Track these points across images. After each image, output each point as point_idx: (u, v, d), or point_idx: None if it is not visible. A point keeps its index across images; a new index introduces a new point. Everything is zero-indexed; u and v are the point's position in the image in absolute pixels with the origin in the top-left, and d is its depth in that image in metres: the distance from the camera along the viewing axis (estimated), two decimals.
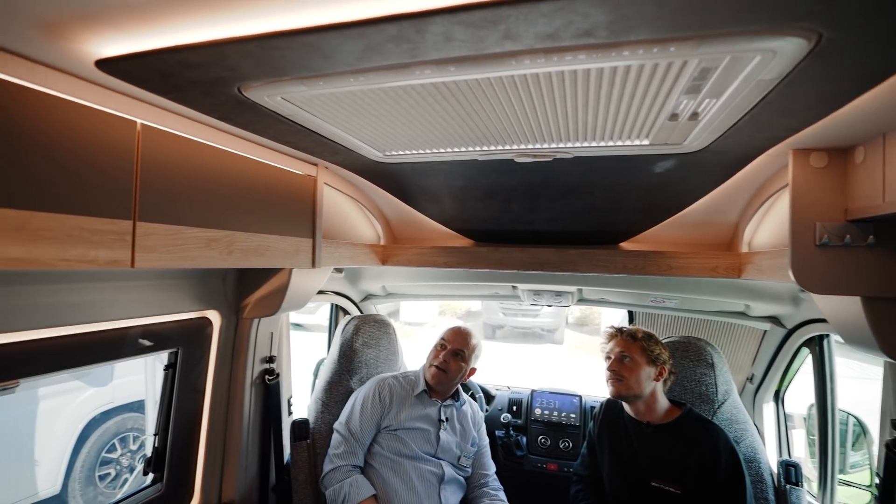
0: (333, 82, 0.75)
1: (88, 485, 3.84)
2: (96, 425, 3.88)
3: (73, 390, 3.74)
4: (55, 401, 3.65)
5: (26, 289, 1.00)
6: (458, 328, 2.05)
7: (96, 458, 3.91)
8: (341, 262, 1.70)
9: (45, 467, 3.55)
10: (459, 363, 1.97)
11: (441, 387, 1.98)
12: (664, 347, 1.75)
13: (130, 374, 4.14)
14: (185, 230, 1.02)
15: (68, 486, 3.70)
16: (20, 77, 0.71)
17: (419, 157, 1.24)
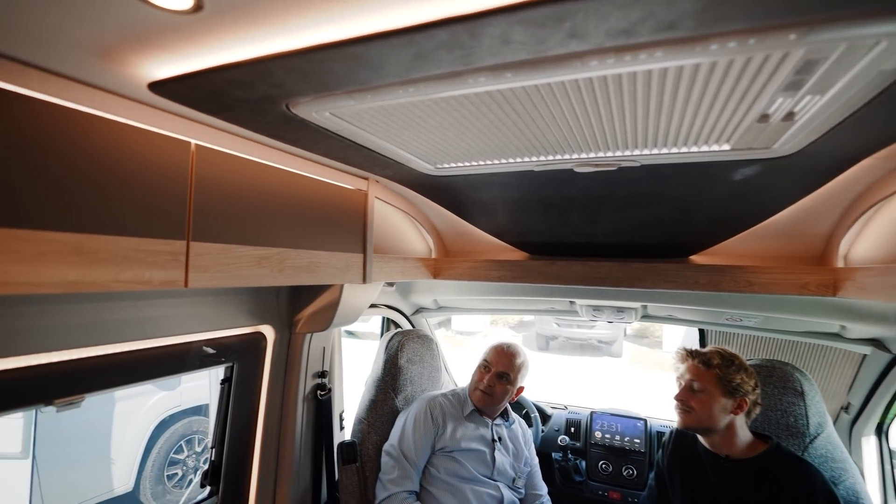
0: (382, 95, 0.71)
1: (158, 484, 4.05)
2: (165, 427, 4.10)
3: (145, 393, 3.97)
4: (130, 403, 3.88)
5: (91, 306, 1.03)
6: (501, 347, 1.96)
7: (165, 458, 4.12)
8: (392, 276, 1.67)
9: (119, 465, 3.78)
10: (505, 385, 1.89)
11: (488, 409, 1.90)
12: (749, 375, 1.54)
13: (196, 378, 4.35)
14: (237, 249, 1.01)
15: (140, 484, 3.92)
16: (78, 102, 0.72)
17: (472, 170, 1.18)
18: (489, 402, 1.87)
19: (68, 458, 3.42)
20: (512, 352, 1.95)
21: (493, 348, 1.96)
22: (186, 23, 0.54)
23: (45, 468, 3.18)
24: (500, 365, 1.90)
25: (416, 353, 2.02)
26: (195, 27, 0.55)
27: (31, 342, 0.93)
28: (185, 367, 1.31)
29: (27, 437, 3.01)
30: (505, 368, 1.89)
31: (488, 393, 1.86)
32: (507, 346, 1.97)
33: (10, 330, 0.90)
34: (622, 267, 1.65)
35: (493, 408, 1.90)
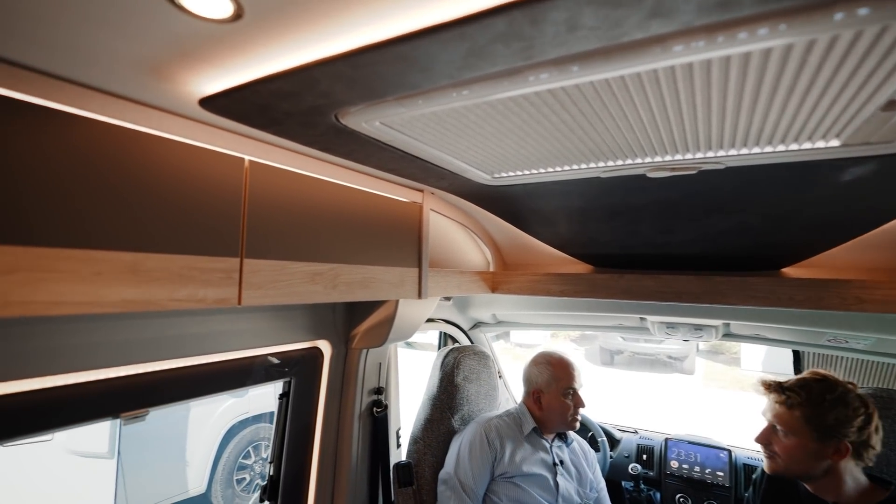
0: (434, 100, 0.65)
1: (227, 487, 4.22)
2: (234, 433, 4.27)
3: (216, 400, 4.17)
4: (203, 409, 4.08)
5: (154, 322, 1.05)
6: (571, 365, 1.88)
7: (234, 463, 4.29)
8: (449, 291, 1.61)
9: (193, 468, 3.98)
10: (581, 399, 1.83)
11: (557, 427, 1.80)
12: (854, 411, 1.25)
13: (262, 386, 4.52)
14: (290, 265, 0.99)
15: (212, 487, 4.10)
16: (134, 122, 0.72)
17: (531, 178, 1.10)
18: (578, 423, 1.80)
19: (148, 459, 3.64)
20: (575, 363, 1.88)
21: (569, 369, 1.85)
22: (228, 33, 0.52)
23: (129, 467, 3.40)
24: (578, 381, 1.82)
25: (473, 370, 1.94)
26: (237, 37, 0.53)
27: (97, 357, 0.96)
28: (244, 382, 1.31)
29: (113, 439, 3.23)
30: (581, 381, 1.84)
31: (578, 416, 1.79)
32: (571, 361, 1.89)
33: (76, 346, 0.92)
34: (701, 281, 1.49)
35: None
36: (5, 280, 0.60)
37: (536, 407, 1.85)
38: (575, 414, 1.79)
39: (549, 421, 1.81)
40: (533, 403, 1.86)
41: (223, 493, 4.17)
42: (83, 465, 3.18)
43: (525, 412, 1.84)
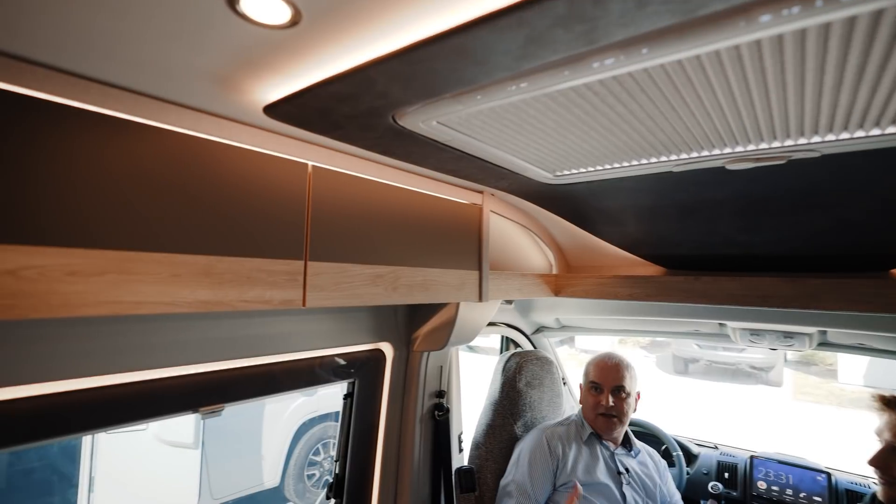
0: (491, 94, 0.63)
1: (299, 482, 4.41)
2: (305, 430, 4.46)
3: (288, 397, 4.38)
4: (277, 405, 4.30)
5: (228, 322, 1.11)
6: (603, 362, 1.78)
7: (305, 458, 4.48)
8: (510, 294, 1.57)
9: (268, 462, 4.20)
10: (625, 399, 1.71)
11: (613, 433, 1.70)
12: None
13: (328, 386, 4.69)
14: (352, 268, 1.01)
15: (285, 480, 4.30)
16: (204, 131, 0.76)
17: (596, 176, 1.05)
18: (616, 424, 1.69)
19: (229, 451, 3.89)
20: (616, 362, 1.77)
21: (595, 364, 1.79)
22: (287, 38, 0.53)
23: (212, 458, 3.65)
24: (611, 380, 1.73)
25: (535, 376, 1.89)
26: (295, 42, 0.54)
27: (178, 355, 1.02)
28: (310, 381, 1.36)
29: (197, 431, 3.49)
30: (617, 381, 1.72)
31: (612, 415, 1.68)
32: (607, 357, 1.80)
33: (160, 343, 0.99)
34: (792, 284, 1.35)
35: (620, 430, 1.73)
36: (97, 281, 0.65)
37: (581, 403, 1.82)
38: (600, 411, 1.70)
39: (586, 418, 1.76)
40: (580, 402, 1.83)
41: (295, 487, 4.36)
42: (172, 453, 3.45)
43: (582, 417, 1.77)
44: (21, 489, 3.49)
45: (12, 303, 0.59)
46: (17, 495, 3.44)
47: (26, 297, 0.60)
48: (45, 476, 3.54)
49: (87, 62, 0.60)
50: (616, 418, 1.69)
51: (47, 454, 3.66)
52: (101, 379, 0.92)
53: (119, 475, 3.34)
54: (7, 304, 0.58)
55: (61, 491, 3.50)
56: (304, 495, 4.42)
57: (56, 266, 0.62)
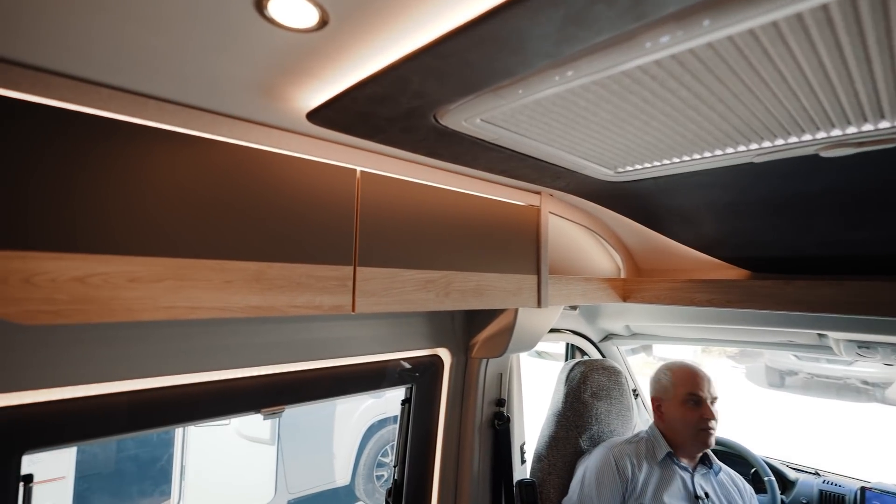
0: (534, 86, 0.59)
1: (368, 482, 4.51)
2: (374, 431, 4.56)
3: (357, 399, 4.51)
4: (348, 405, 4.44)
5: (287, 327, 1.14)
6: (695, 372, 1.63)
7: (374, 459, 4.58)
8: (572, 299, 1.49)
9: (340, 460, 4.34)
10: (713, 408, 1.58)
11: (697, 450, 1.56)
12: None
13: (385, 391, 4.77)
14: (402, 273, 1.00)
15: (355, 480, 4.42)
16: (254, 141, 0.79)
17: (663, 171, 0.95)
18: (712, 438, 1.56)
19: (303, 448, 4.07)
20: (704, 371, 1.63)
21: (686, 375, 1.63)
22: (318, 41, 0.52)
23: (287, 454, 3.84)
24: (706, 390, 1.58)
25: (602, 387, 1.77)
26: (327, 45, 0.53)
27: (241, 357, 1.07)
28: (367, 386, 1.37)
29: (273, 427, 3.68)
30: (713, 390, 1.59)
31: (713, 428, 1.54)
32: (693, 367, 1.65)
33: (225, 346, 1.04)
34: None
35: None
36: (155, 287, 0.69)
37: (660, 420, 1.65)
38: (703, 426, 1.53)
39: (675, 436, 1.59)
40: (657, 417, 1.66)
41: (364, 486, 4.47)
42: (250, 448, 3.67)
43: (657, 434, 1.62)
44: (127, 473, 3.88)
45: (81, 308, 0.63)
46: (124, 478, 3.84)
47: (92, 303, 0.64)
48: (146, 463, 3.92)
49: (143, 80, 0.64)
50: (713, 431, 1.56)
51: (148, 443, 4.05)
52: (171, 379, 0.98)
53: (206, 465, 3.61)
54: (76, 309, 0.62)
55: (159, 476, 3.85)
56: (374, 495, 4.52)
57: (119, 273, 0.66)
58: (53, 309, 0.61)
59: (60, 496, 3.12)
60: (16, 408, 0.83)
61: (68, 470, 3.18)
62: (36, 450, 0.87)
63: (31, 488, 0.87)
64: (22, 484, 0.86)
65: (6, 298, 0.58)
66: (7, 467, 0.83)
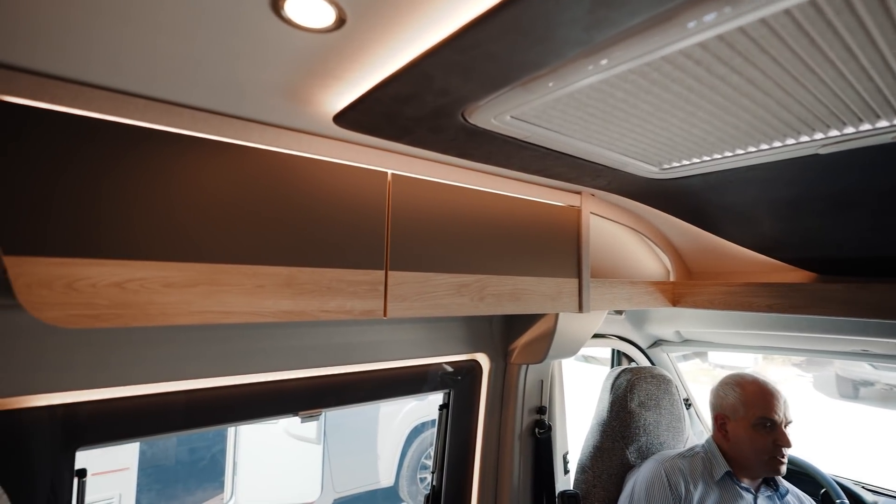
0: (566, 77, 0.55)
1: (412, 484, 4.53)
2: (417, 434, 4.58)
3: (401, 400, 4.54)
4: (391, 407, 4.48)
5: (322, 330, 1.15)
6: (769, 392, 1.46)
7: (417, 462, 4.59)
8: (617, 304, 1.42)
9: (384, 461, 4.38)
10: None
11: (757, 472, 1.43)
12: None
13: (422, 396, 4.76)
14: (435, 277, 0.98)
15: (399, 481, 4.45)
16: (284, 146, 0.79)
17: (714, 166, 0.88)
18: (784, 467, 1.41)
19: (348, 448, 4.14)
20: (778, 390, 1.46)
21: (764, 395, 1.45)
22: (337, 41, 0.51)
23: (333, 454, 3.91)
24: (782, 413, 1.43)
25: (651, 396, 1.67)
26: (346, 44, 0.51)
27: (278, 360, 1.08)
28: (404, 391, 1.36)
29: (319, 426, 3.76)
30: (791, 415, 1.43)
31: (785, 456, 1.40)
32: (767, 385, 1.48)
33: (262, 350, 1.06)
34: None
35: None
36: (189, 292, 0.70)
37: (723, 439, 1.49)
38: (775, 454, 1.38)
39: (739, 457, 1.44)
40: (719, 434, 1.51)
41: (408, 488, 4.49)
42: (298, 446, 3.77)
43: (714, 450, 1.49)
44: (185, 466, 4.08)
45: (119, 312, 0.65)
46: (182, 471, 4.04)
47: (130, 307, 0.65)
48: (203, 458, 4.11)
49: (175, 90, 0.65)
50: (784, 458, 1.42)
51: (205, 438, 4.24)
52: (212, 381, 1.00)
53: (256, 462, 3.74)
54: (115, 314, 0.64)
55: (214, 470, 4.02)
56: (417, 497, 4.53)
57: (155, 278, 0.67)
58: (94, 313, 0.63)
59: (125, 485, 3.33)
60: (69, 406, 0.87)
61: (132, 462, 3.39)
62: (88, 446, 0.91)
63: (84, 482, 0.92)
64: (76, 478, 0.91)
65: (50, 303, 0.60)
66: (62, 462, 0.88)
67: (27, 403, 0.83)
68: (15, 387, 0.81)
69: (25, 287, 0.59)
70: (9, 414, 0.82)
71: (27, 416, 0.83)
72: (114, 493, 3.23)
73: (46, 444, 0.85)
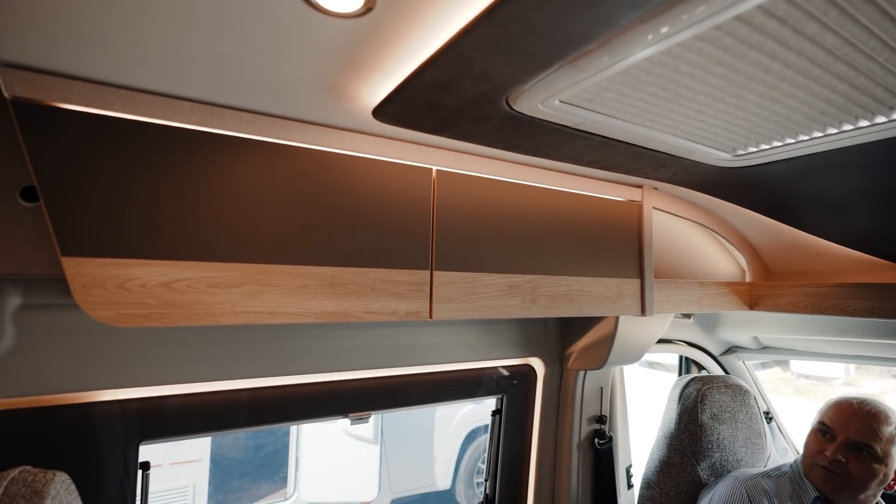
0: (620, 51, 0.49)
1: (469, 488, 4.48)
2: (473, 437, 4.53)
3: (457, 403, 4.51)
4: (447, 409, 4.46)
5: (374, 332, 1.13)
6: (849, 404, 1.28)
7: (474, 466, 4.54)
8: (684, 307, 1.30)
9: (440, 464, 4.37)
10: (868, 464, 1.20)
11: (842, 498, 1.23)
12: None
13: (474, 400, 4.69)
14: (483, 277, 0.93)
15: (455, 485, 4.42)
16: (327, 145, 0.78)
17: (799, 149, 0.77)
18: (840, 485, 1.21)
19: (405, 449, 4.17)
20: (869, 410, 1.25)
21: (835, 405, 1.31)
22: (367, 27, 0.48)
23: (390, 454, 3.95)
24: (849, 431, 1.23)
25: (725, 407, 1.52)
26: (376, 29, 0.49)
27: (327, 362, 1.08)
28: (455, 395, 1.32)
29: (376, 427, 3.81)
30: (860, 437, 1.22)
31: (836, 472, 1.21)
32: (857, 402, 1.28)
33: (312, 350, 1.06)
34: None
35: (848, 496, 1.23)
36: (233, 292, 0.70)
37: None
38: (821, 461, 1.24)
39: (806, 469, 1.31)
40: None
41: (465, 492, 4.45)
42: (356, 445, 3.84)
43: (800, 468, 1.33)
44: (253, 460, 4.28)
45: (167, 312, 0.66)
46: (250, 463, 4.24)
47: (178, 307, 0.66)
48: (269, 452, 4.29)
49: (218, 91, 0.65)
50: (840, 478, 1.22)
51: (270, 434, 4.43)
52: (262, 381, 1.01)
53: (316, 459, 3.85)
54: (164, 313, 0.65)
55: (277, 465, 4.19)
56: (473, 502, 4.47)
57: (201, 279, 0.68)
58: (144, 313, 0.64)
59: (199, 475, 3.54)
60: (132, 402, 0.91)
61: (205, 454, 3.60)
62: (151, 440, 0.95)
63: (148, 475, 0.95)
64: (141, 470, 0.94)
65: (103, 302, 0.62)
66: (127, 455, 0.92)
67: (95, 398, 0.88)
68: (84, 382, 0.85)
69: (81, 287, 0.61)
70: (79, 408, 0.86)
71: (96, 410, 0.88)
72: (188, 483, 3.45)
73: (113, 437, 0.89)
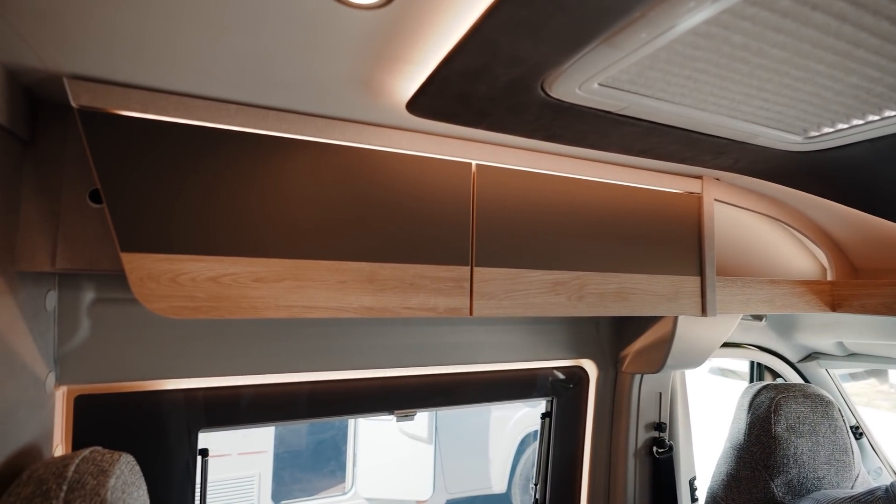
0: (660, 22, 0.45)
1: (524, 493, 4.40)
2: (529, 441, 4.44)
3: (512, 406, 4.45)
4: (503, 412, 4.42)
5: (416, 329, 1.13)
6: None
7: (530, 470, 4.45)
8: (753, 307, 1.20)
9: (496, 467, 4.33)
10: None
11: None
12: None
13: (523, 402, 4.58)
14: (526, 273, 0.90)
15: (511, 489, 4.36)
16: (365, 142, 0.78)
17: (884, 127, 0.68)
18: None
19: (459, 450, 4.17)
20: None
21: None
22: (392, 17, 0.47)
23: (444, 455, 3.97)
24: None
25: (804, 419, 1.38)
26: (401, 19, 0.48)
27: (374, 358, 1.09)
28: (502, 395, 1.29)
29: (431, 427, 3.84)
30: None
31: None
32: None
33: (357, 346, 1.07)
34: None
35: None
36: (276, 287, 0.72)
37: None
38: None
39: None
40: None
41: (521, 497, 4.37)
42: (410, 444, 3.88)
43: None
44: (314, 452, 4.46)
45: (215, 305, 0.69)
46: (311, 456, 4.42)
47: (225, 300, 0.69)
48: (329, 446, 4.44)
49: (259, 93, 0.67)
50: None
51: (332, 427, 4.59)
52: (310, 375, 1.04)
53: (373, 456, 3.93)
54: (211, 306, 0.68)
55: (336, 460, 4.33)
56: None
57: (245, 273, 0.70)
58: (193, 305, 0.67)
59: (264, 465, 3.74)
60: (190, 391, 0.96)
61: (269, 445, 3.79)
62: (209, 429, 1.01)
63: (206, 461, 1.01)
64: (200, 457, 1.00)
65: (158, 295, 0.66)
66: (186, 442, 0.97)
67: (160, 387, 0.94)
68: (151, 371, 0.91)
69: (138, 280, 0.65)
70: (146, 395, 0.93)
71: (161, 398, 0.94)
72: (254, 472, 3.64)
73: (175, 424, 0.95)
